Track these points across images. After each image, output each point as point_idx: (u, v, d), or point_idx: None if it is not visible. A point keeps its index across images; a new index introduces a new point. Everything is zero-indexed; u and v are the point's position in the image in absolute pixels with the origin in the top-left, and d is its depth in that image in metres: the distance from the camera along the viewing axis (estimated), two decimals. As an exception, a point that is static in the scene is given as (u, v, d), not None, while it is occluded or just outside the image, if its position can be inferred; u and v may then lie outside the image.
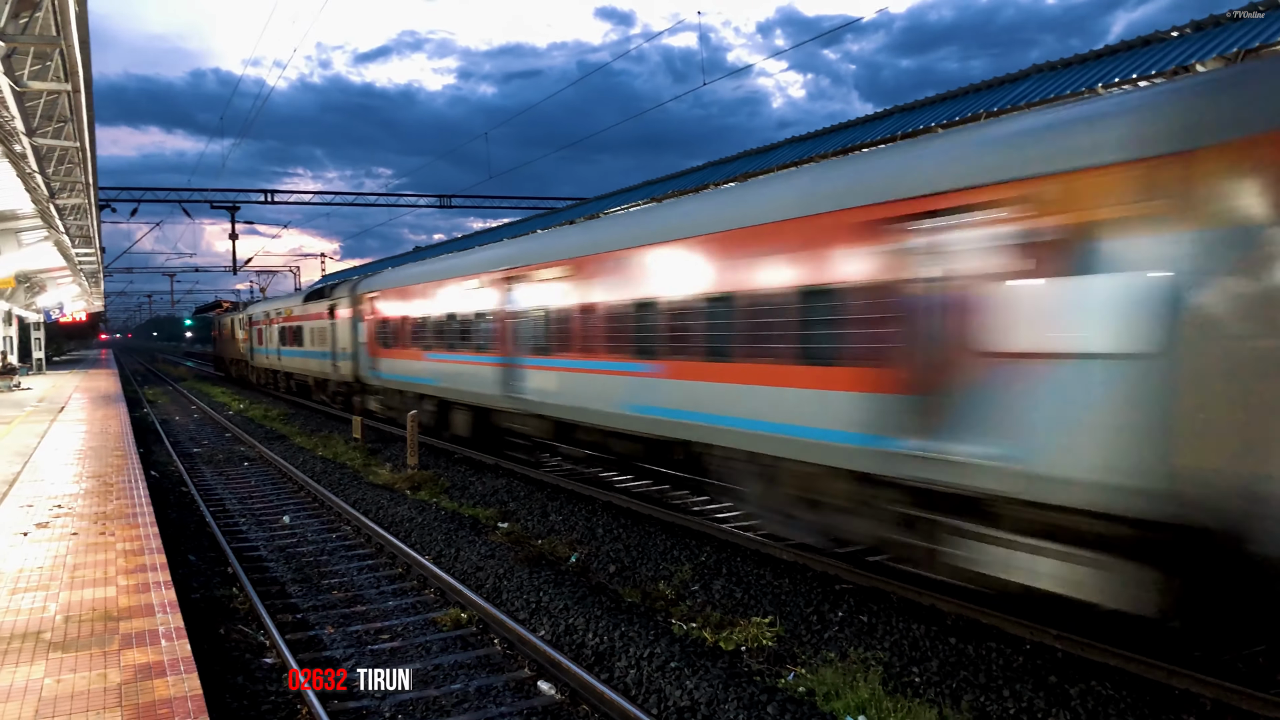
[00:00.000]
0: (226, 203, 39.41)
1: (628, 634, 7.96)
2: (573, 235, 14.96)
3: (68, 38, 9.27)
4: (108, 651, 6.04)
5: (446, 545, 11.45)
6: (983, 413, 6.95)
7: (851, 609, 8.43)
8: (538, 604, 8.99)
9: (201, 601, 9.38)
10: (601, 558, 10.73)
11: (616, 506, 13.34)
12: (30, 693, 5.37)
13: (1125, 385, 6.05)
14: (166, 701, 5.22)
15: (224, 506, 14.96)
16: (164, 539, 9.37)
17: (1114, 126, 6.43)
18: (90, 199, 21.39)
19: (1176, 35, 13.09)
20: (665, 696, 6.75)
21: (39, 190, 16.85)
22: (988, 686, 6.73)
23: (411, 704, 6.90)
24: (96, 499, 11.40)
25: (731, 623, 8.26)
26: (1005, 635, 7.71)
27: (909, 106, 18.08)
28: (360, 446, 20.55)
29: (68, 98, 12.04)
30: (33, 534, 9.49)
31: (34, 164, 14.13)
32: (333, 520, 13.75)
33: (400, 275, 22.79)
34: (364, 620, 9.01)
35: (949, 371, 7.23)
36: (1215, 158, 5.85)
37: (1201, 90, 6.35)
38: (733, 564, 9.99)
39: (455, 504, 14.18)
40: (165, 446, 22.34)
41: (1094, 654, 7.17)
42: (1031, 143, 6.96)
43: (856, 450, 8.19)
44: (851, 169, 9.21)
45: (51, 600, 7.20)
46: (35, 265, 30.45)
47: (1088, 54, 14.65)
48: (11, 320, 37.91)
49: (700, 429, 10.64)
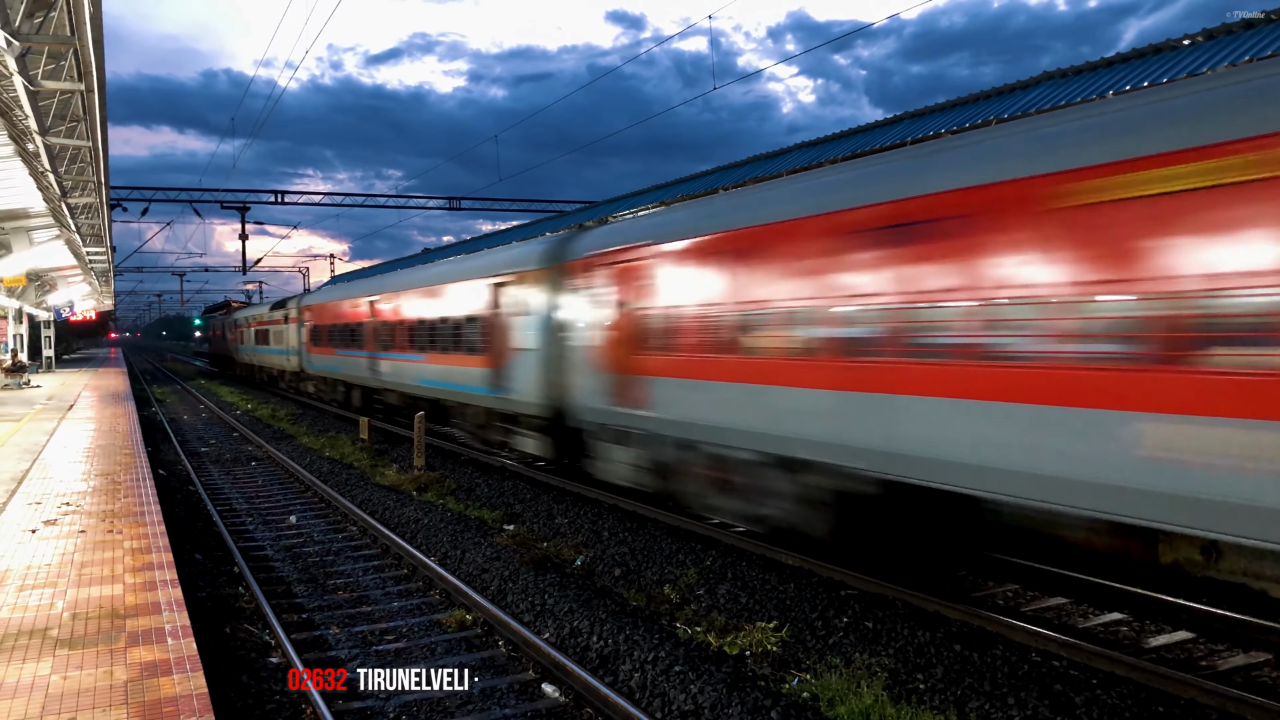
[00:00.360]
0: (237, 203, 39.61)
1: (632, 637, 7.96)
2: (389, 279, 25.43)
3: (82, 38, 9.32)
4: (114, 649, 6.07)
5: (452, 547, 11.47)
6: (510, 374, 15.65)
7: (856, 615, 8.41)
8: (542, 606, 9.00)
9: (208, 600, 9.41)
10: (607, 561, 10.73)
11: (622, 509, 13.35)
12: (37, 689, 5.40)
13: (535, 362, 14.73)
14: (172, 699, 5.24)
15: (231, 506, 15.01)
16: (171, 537, 9.41)
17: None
18: (102, 198, 21.50)
19: (1188, 43, 13.06)
20: (669, 700, 6.75)
21: (51, 189, 16.94)
22: (992, 694, 6.71)
23: (416, 704, 6.91)
24: (104, 497, 11.45)
25: (736, 627, 8.26)
26: (1010, 643, 7.69)
27: (919, 112, 18.09)
28: (367, 447, 20.60)
29: (81, 97, 12.11)
30: (41, 531, 9.54)
31: (46, 163, 14.21)
32: (339, 521, 13.78)
33: (321, 295, 34.23)
34: (369, 621, 9.03)
35: (502, 356, 16.01)
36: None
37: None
38: (738, 568, 9.98)
39: (461, 506, 14.20)
40: (173, 445, 22.43)
41: (1100, 663, 7.15)
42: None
43: (484, 396, 17.03)
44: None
45: (59, 597, 7.24)
46: (46, 264, 30.57)
47: (1099, 61, 14.63)
48: (22, 318, 38.10)
49: (441, 391, 19.79)
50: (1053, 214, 6.74)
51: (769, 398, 9.51)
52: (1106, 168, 6.42)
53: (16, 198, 18.83)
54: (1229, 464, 5.69)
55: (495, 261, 17.32)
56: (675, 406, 11.10)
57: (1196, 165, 5.90)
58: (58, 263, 31.38)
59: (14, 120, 11.91)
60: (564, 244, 14.68)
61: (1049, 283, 6.76)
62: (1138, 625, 8.20)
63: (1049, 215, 6.77)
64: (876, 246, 8.16)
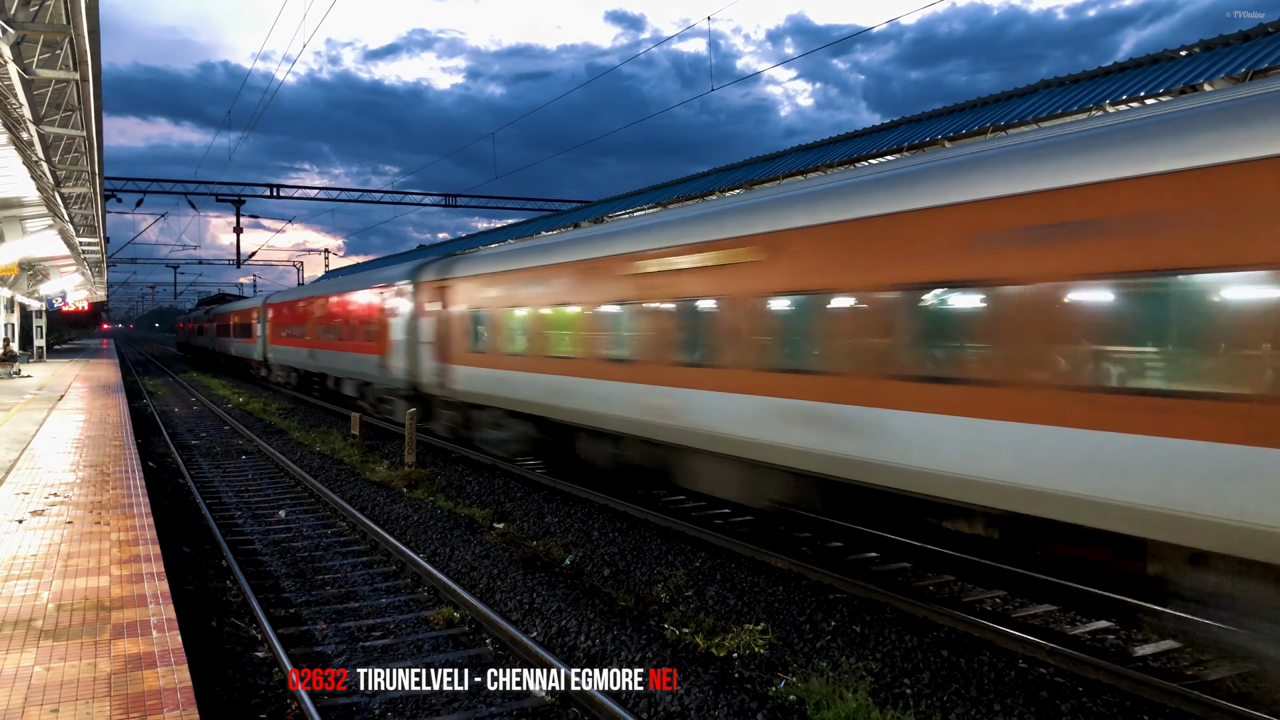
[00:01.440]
0: (232, 196, 39.45)
1: (620, 637, 7.95)
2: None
3: (77, 26, 9.29)
4: (99, 641, 6.04)
5: (441, 544, 11.44)
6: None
7: (844, 618, 8.42)
8: (531, 605, 8.98)
9: (194, 593, 9.37)
10: (596, 560, 10.72)
11: (612, 509, 13.34)
12: (20, 680, 5.37)
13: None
14: (156, 692, 5.21)
15: (220, 499, 14.96)
16: (159, 530, 9.37)
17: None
18: (96, 188, 21.40)
19: (1185, 55, 13.10)
20: (655, 701, 6.74)
21: (45, 178, 16.88)
22: (979, 700, 6.72)
23: (402, 701, 6.89)
24: (93, 488, 11.40)
25: (724, 629, 8.25)
26: (998, 649, 7.69)
27: (916, 118, 18.11)
28: (358, 443, 20.54)
29: (76, 87, 12.06)
30: (28, 521, 9.49)
31: (40, 152, 14.16)
32: (328, 516, 13.74)
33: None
34: (356, 616, 9.00)
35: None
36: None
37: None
38: (727, 570, 9.98)
39: (451, 503, 14.17)
40: (164, 438, 22.34)
41: (1087, 670, 7.16)
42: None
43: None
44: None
45: (44, 588, 7.20)
46: (39, 253, 30.47)
47: (1096, 70, 14.66)
48: (14, 307, 37.95)
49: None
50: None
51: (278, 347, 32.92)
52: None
53: (10, 186, 18.75)
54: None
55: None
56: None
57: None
58: (50, 252, 31.28)
59: (8, 108, 11.86)
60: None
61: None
62: (1124, 634, 8.22)
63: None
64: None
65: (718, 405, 10.44)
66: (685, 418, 11.01)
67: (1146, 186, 6.32)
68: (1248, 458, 5.69)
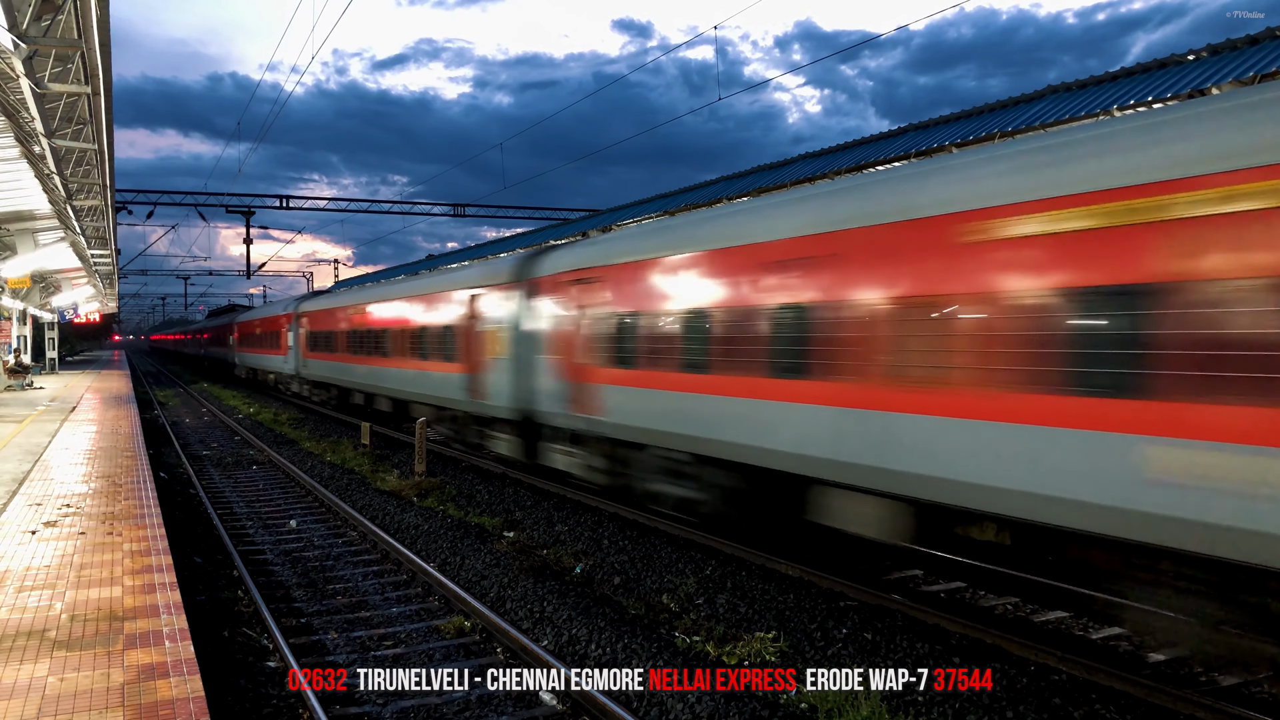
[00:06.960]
0: (242, 207, 39.70)
1: (630, 646, 7.94)
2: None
3: (89, 40, 9.36)
4: (111, 651, 6.06)
5: (452, 553, 11.46)
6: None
7: (856, 626, 8.39)
8: (541, 614, 8.98)
9: (206, 603, 9.40)
10: (606, 569, 10.72)
11: (622, 518, 13.33)
12: (34, 690, 5.40)
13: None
14: (169, 703, 5.23)
15: (231, 509, 15.01)
16: (171, 540, 9.40)
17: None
18: (107, 201, 21.54)
19: (1193, 59, 13.08)
20: (667, 710, 6.73)
21: (56, 191, 17.00)
22: (991, 708, 6.69)
23: (413, 710, 6.90)
24: (105, 499, 11.45)
25: (735, 637, 8.23)
26: (1009, 656, 7.66)
27: (924, 124, 18.11)
28: (368, 452, 20.60)
29: (87, 100, 12.14)
30: (41, 532, 9.54)
31: (52, 165, 14.26)
32: (339, 525, 13.77)
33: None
34: (368, 626, 9.01)
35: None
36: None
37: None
38: (737, 578, 9.96)
39: (462, 512, 14.19)
40: (175, 448, 22.44)
41: (1100, 678, 7.12)
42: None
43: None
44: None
45: (57, 599, 7.23)
46: (51, 265, 30.67)
47: (1104, 75, 14.65)
48: (26, 320, 38.19)
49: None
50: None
51: (246, 354, 46.48)
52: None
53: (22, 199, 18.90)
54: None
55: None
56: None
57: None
58: (62, 265, 31.48)
59: (20, 122, 11.96)
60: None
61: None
62: (1137, 640, 8.17)
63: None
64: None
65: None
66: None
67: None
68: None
